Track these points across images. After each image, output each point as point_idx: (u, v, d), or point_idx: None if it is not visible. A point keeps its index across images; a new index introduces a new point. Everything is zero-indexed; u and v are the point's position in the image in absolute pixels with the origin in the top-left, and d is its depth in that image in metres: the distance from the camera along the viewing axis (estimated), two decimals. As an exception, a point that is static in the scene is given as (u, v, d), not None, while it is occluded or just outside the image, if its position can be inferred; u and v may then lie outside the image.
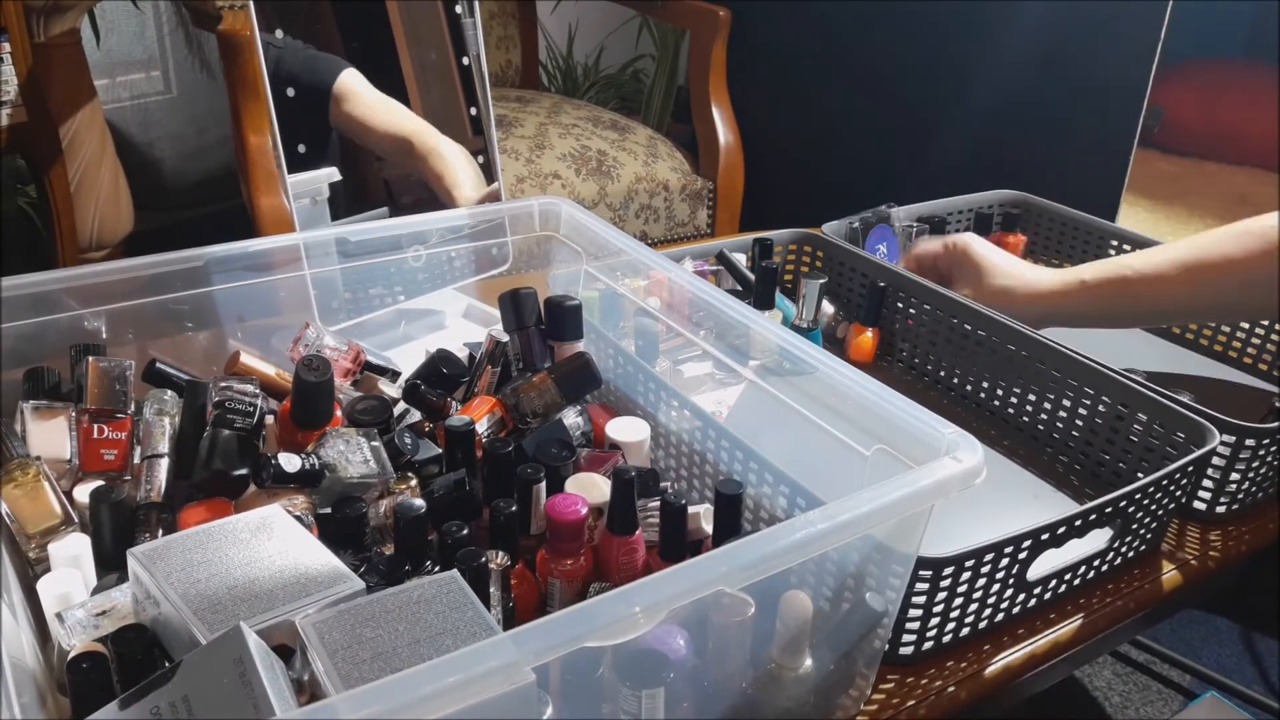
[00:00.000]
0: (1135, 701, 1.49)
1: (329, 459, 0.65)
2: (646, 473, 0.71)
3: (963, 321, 0.97)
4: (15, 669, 0.46)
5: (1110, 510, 0.71)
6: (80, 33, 1.65)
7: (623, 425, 0.75)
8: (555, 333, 0.81)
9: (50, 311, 0.72)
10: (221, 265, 0.78)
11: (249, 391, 0.68)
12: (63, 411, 0.70)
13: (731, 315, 0.75)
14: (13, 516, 0.63)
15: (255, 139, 1.50)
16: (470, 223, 0.93)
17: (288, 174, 0.90)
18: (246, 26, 1.45)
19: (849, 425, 0.64)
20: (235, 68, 1.50)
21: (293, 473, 0.63)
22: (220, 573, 0.54)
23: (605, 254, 0.86)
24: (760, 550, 0.49)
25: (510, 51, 2.35)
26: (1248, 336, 1.06)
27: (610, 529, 0.64)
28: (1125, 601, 0.77)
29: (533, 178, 1.76)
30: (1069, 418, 0.88)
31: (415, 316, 1.02)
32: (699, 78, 1.96)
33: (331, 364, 0.71)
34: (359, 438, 0.67)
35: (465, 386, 0.81)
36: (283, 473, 0.63)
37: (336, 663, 0.48)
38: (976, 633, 0.71)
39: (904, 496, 0.53)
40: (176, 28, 2.17)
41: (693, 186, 1.93)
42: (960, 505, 0.58)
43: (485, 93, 1.04)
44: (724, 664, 0.58)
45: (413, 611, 0.51)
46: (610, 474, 0.69)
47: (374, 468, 0.66)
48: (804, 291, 1.01)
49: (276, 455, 0.64)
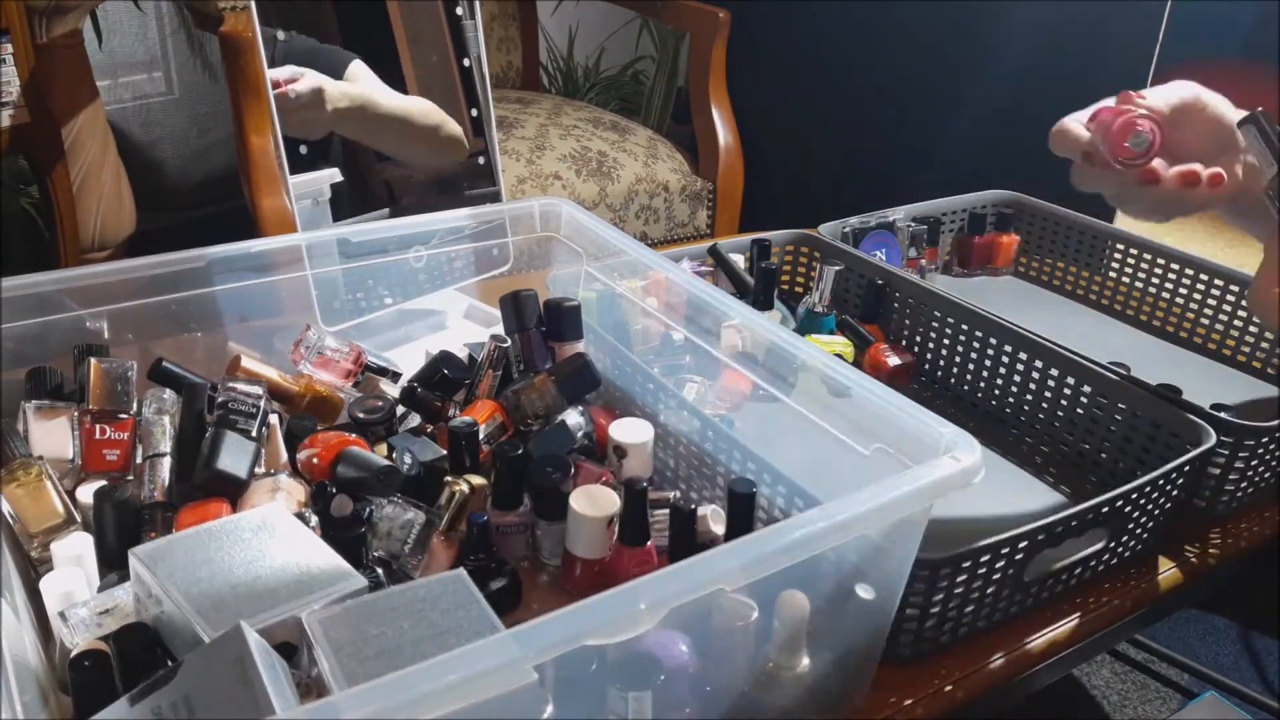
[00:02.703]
0: (1134, 700, 1.49)
1: (376, 518, 0.66)
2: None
3: (960, 321, 0.97)
4: (18, 667, 0.47)
5: (1108, 510, 0.72)
6: (82, 34, 1.65)
7: (626, 426, 0.75)
8: (555, 334, 0.81)
9: (52, 312, 0.73)
10: (223, 266, 0.78)
11: (253, 394, 0.69)
12: (65, 411, 0.70)
13: (732, 315, 0.75)
14: (15, 516, 0.63)
15: (257, 140, 1.50)
16: (471, 223, 0.93)
17: (289, 175, 0.90)
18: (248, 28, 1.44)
19: (847, 424, 0.64)
20: (237, 69, 1.51)
21: (338, 518, 0.64)
22: (222, 571, 0.54)
23: (606, 254, 0.86)
24: (759, 549, 0.49)
25: (511, 53, 2.35)
26: (1250, 336, 1.06)
27: (622, 540, 0.65)
28: (1123, 600, 0.77)
29: (533, 179, 1.76)
30: (1066, 417, 0.89)
31: (416, 317, 1.02)
32: (699, 79, 1.96)
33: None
34: (412, 513, 0.66)
35: (466, 389, 0.81)
36: (329, 517, 0.64)
37: (341, 659, 0.48)
38: (974, 632, 0.71)
39: (902, 496, 0.53)
40: (178, 29, 2.17)
41: (693, 187, 1.93)
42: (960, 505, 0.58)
43: (486, 94, 1.04)
44: (725, 668, 0.59)
45: (418, 609, 0.51)
46: (617, 485, 0.69)
47: (406, 549, 0.66)
48: (819, 276, 1.02)
49: (334, 497, 0.65)
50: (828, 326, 1.03)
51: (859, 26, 2.22)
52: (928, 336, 1.01)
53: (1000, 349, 0.94)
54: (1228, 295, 1.08)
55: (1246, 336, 1.06)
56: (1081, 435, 0.88)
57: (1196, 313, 1.11)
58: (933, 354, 1.01)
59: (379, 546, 0.64)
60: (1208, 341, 1.10)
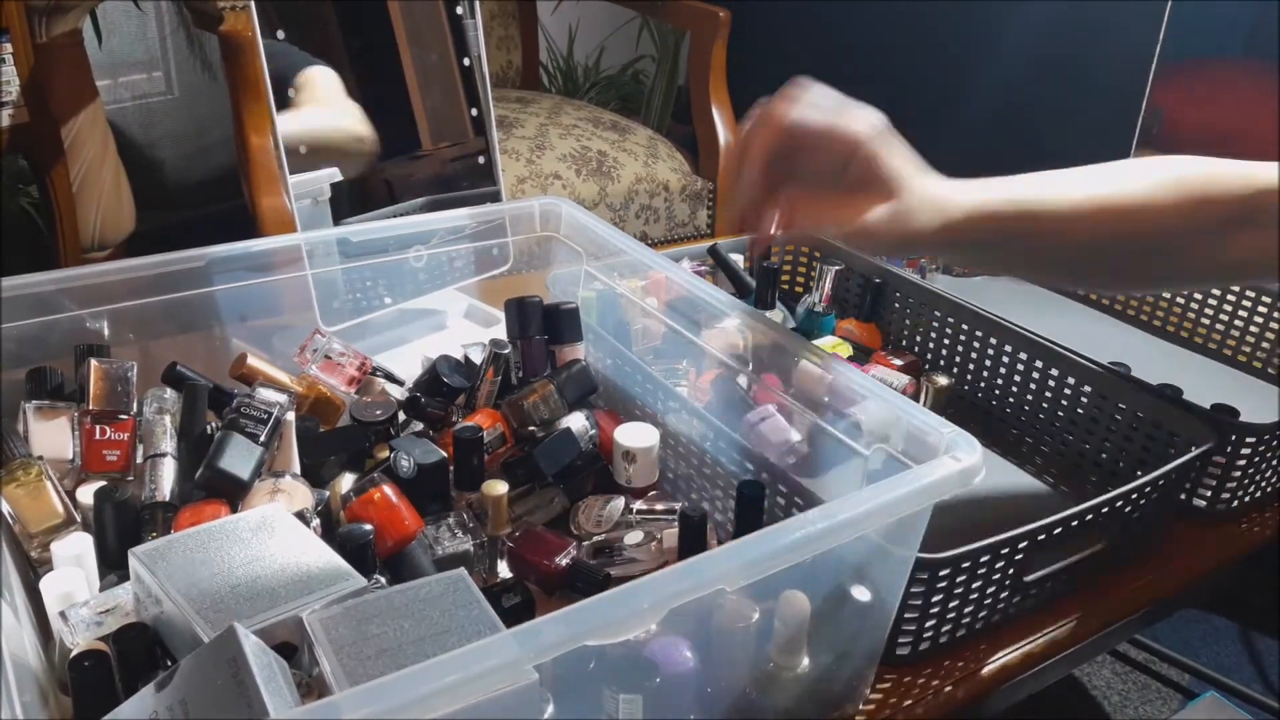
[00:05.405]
0: (1134, 701, 1.49)
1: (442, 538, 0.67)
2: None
3: (960, 321, 0.97)
4: (18, 667, 0.46)
5: (1108, 510, 0.72)
6: (82, 33, 1.65)
7: (631, 431, 0.75)
8: (554, 336, 0.81)
9: (52, 312, 0.73)
10: (223, 265, 0.78)
11: (269, 400, 0.68)
12: (65, 412, 0.70)
13: (731, 315, 0.75)
14: (15, 516, 0.63)
15: (257, 139, 1.50)
16: (471, 223, 0.93)
17: (289, 174, 0.90)
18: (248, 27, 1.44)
19: (848, 424, 0.64)
20: (237, 68, 1.50)
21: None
22: (222, 571, 0.54)
23: (606, 254, 0.86)
24: (759, 550, 0.49)
25: (511, 52, 2.35)
26: (1250, 337, 1.06)
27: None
28: (1123, 600, 0.77)
29: (533, 178, 1.76)
30: (1066, 417, 0.89)
31: (416, 316, 1.02)
32: (699, 78, 1.96)
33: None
34: (462, 532, 0.68)
35: (466, 395, 0.81)
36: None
37: (342, 659, 0.48)
38: (974, 632, 0.71)
39: (902, 496, 0.53)
40: (178, 28, 2.17)
41: (693, 187, 1.93)
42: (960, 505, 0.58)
43: (486, 93, 1.04)
44: (726, 668, 0.59)
45: (419, 609, 0.51)
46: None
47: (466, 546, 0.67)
48: (818, 275, 1.02)
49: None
50: (828, 326, 1.03)
51: (859, 26, 2.22)
52: (928, 336, 1.01)
53: (1000, 349, 0.94)
54: (1228, 295, 1.08)
55: (1247, 336, 1.06)
56: (1081, 435, 0.87)
57: (1197, 313, 1.11)
58: (933, 354, 1.01)
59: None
60: (1208, 341, 1.10)
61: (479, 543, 0.67)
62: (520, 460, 0.73)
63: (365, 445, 0.74)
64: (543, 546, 0.65)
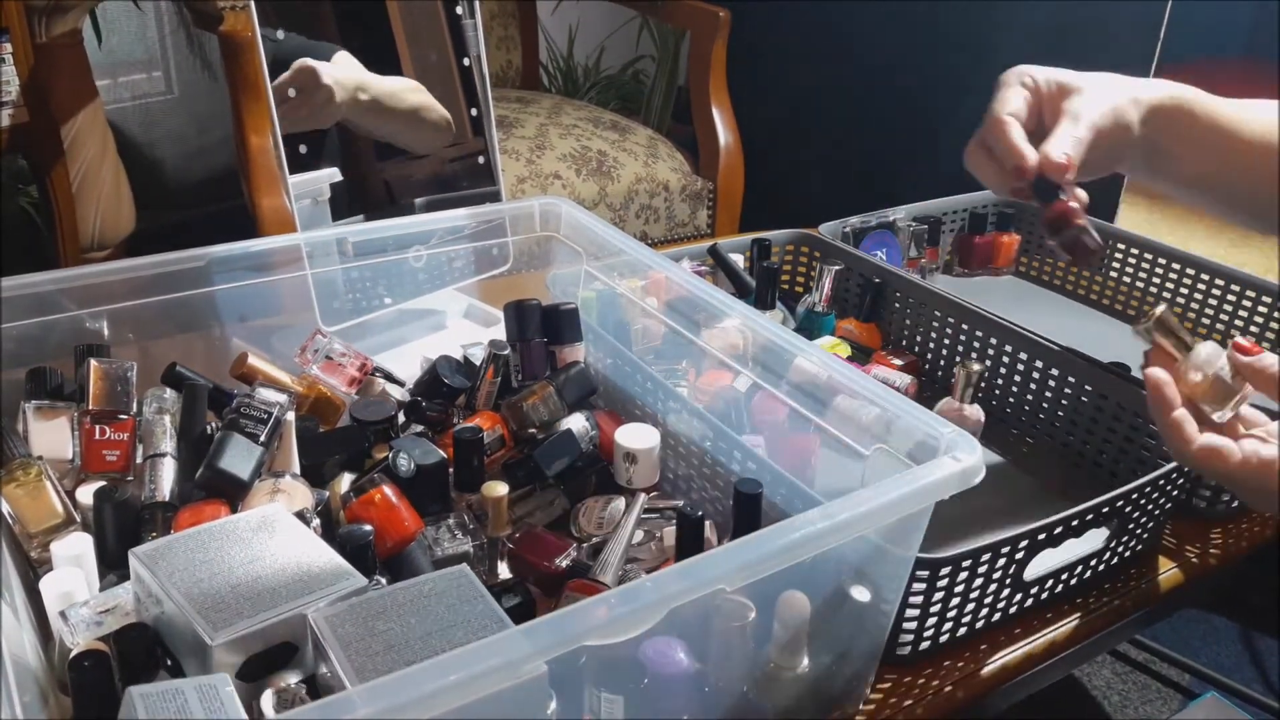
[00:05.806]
0: (1134, 701, 1.49)
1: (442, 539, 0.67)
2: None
3: (960, 321, 0.97)
4: (18, 667, 0.46)
5: (1107, 510, 0.72)
6: (82, 33, 1.65)
7: (632, 432, 0.75)
8: (554, 337, 0.81)
9: (52, 312, 0.73)
10: (223, 265, 0.78)
11: (269, 400, 0.68)
12: (65, 412, 0.70)
13: (731, 315, 0.75)
14: (15, 516, 0.63)
15: (256, 139, 1.50)
16: (471, 223, 0.93)
17: (289, 174, 0.90)
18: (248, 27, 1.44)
19: (847, 424, 0.64)
20: (236, 68, 1.50)
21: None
22: (222, 571, 0.54)
23: (606, 254, 0.86)
24: (759, 550, 0.49)
25: (511, 52, 2.35)
26: (1253, 339, 1.06)
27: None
28: (1123, 601, 0.77)
29: (533, 178, 1.76)
30: (1066, 417, 0.89)
31: (416, 316, 1.02)
32: (699, 78, 1.96)
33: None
34: (462, 533, 0.68)
35: (466, 396, 0.81)
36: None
37: (350, 655, 0.48)
38: (974, 632, 0.71)
39: (902, 496, 0.53)
40: (178, 28, 2.17)
41: (693, 187, 1.93)
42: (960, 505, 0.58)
43: (486, 93, 1.04)
44: (725, 669, 0.59)
45: (424, 604, 0.52)
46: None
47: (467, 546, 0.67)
48: (818, 275, 1.02)
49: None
50: (828, 326, 1.03)
51: (859, 26, 2.22)
52: (928, 336, 1.01)
53: (1000, 349, 0.94)
54: (1228, 295, 1.08)
55: (1247, 337, 1.06)
56: (1081, 435, 0.87)
57: (1197, 313, 1.11)
58: (933, 354, 1.01)
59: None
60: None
61: (479, 544, 0.67)
62: (521, 461, 0.73)
63: (365, 445, 0.74)
64: (543, 547, 0.65)
